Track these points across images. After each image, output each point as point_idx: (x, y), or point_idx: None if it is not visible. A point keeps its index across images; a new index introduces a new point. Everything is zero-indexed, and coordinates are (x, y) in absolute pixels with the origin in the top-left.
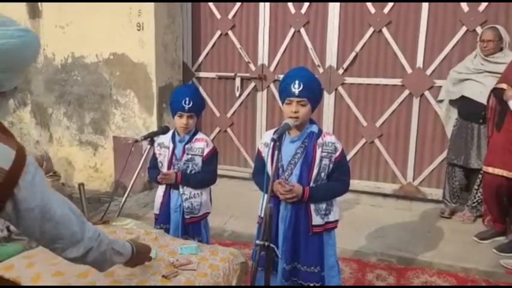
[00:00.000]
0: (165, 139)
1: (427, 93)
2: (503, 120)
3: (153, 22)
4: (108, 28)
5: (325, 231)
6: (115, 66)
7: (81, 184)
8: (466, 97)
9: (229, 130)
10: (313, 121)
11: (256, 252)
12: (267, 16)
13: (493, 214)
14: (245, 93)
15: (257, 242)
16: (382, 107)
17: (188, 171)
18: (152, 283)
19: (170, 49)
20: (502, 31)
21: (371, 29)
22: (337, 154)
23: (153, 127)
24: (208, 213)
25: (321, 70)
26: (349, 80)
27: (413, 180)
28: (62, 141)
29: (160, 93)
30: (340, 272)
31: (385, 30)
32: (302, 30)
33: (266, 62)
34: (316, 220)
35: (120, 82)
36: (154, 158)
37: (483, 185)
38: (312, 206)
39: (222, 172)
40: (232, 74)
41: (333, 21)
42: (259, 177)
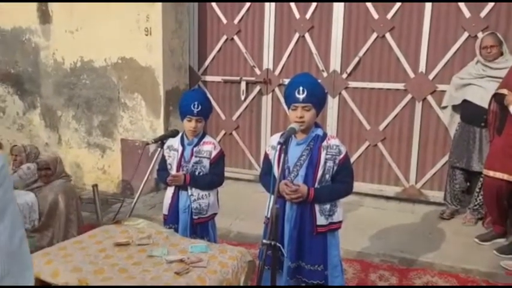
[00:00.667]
0: (174, 142)
1: (430, 97)
2: (504, 124)
3: (161, 27)
4: (116, 33)
5: (329, 231)
6: (123, 70)
7: (94, 185)
8: (468, 101)
9: (234, 133)
10: (318, 125)
11: (263, 251)
12: (272, 21)
13: (493, 216)
14: (250, 96)
15: (264, 242)
16: (385, 111)
17: (196, 173)
18: (165, 279)
19: (177, 53)
20: (500, 36)
21: (374, 34)
22: (341, 156)
23: (160, 130)
24: (215, 214)
25: (325, 74)
26: (352, 84)
27: (415, 183)
28: (71, 143)
29: (167, 96)
30: (343, 272)
31: (389, 35)
32: (307, 35)
33: (271, 67)
34: (320, 220)
35: (128, 86)
36: (163, 160)
37: (483, 188)
38: (317, 207)
39: (227, 174)
40: (237, 78)
41: (337, 26)
42: (266, 179)
